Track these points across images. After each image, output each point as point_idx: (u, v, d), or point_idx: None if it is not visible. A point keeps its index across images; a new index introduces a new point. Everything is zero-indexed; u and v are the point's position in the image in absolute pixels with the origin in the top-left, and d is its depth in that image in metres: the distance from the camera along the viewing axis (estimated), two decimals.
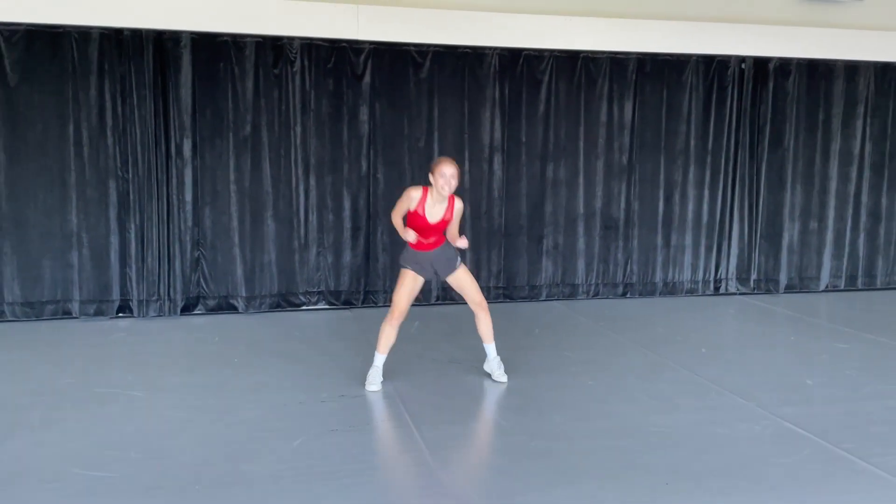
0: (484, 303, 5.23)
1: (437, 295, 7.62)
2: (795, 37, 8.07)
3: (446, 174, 4.80)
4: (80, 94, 6.66)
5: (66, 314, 6.83)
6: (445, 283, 5.34)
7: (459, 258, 5.17)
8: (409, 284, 5.03)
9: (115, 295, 6.92)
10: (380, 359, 5.11)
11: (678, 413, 4.78)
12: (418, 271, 5.05)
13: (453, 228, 5.05)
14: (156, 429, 4.36)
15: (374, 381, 5.06)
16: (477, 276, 7.56)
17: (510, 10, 7.37)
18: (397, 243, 7.41)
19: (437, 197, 4.88)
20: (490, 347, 5.33)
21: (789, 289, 8.55)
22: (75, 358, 5.72)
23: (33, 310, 6.75)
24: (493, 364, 5.33)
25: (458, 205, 4.99)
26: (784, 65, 8.18)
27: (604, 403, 4.93)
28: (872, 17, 8.29)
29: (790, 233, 8.50)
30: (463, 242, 5.01)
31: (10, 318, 6.68)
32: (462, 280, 5.15)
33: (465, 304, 7.47)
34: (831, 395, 5.16)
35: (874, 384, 5.38)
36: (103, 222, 6.83)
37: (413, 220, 4.93)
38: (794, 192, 8.45)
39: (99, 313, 6.87)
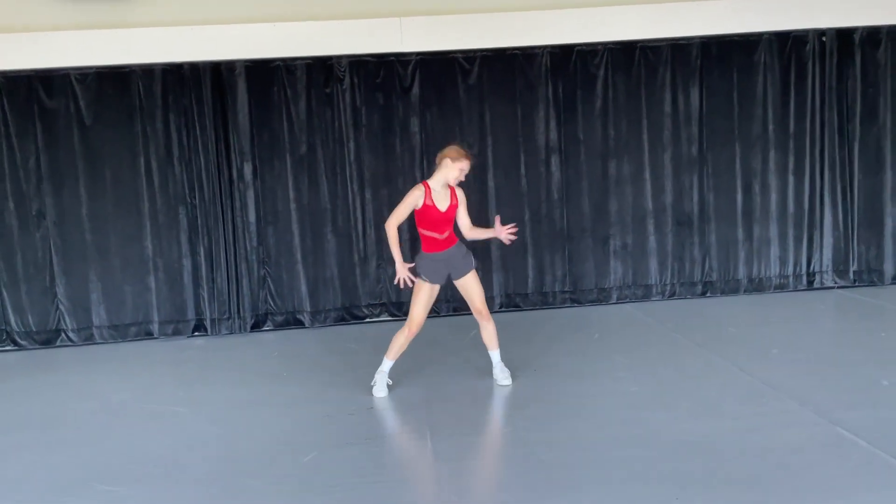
0: (485, 312, 5.14)
1: (501, 302, 7.49)
2: (883, 1, 7.33)
3: (466, 169, 4.94)
4: (148, 129, 7.08)
5: (148, 335, 7.26)
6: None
7: (474, 261, 5.14)
8: (425, 297, 5.02)
9: (191, 315, 7.28)
10: (387, 364, 5.16)
11: (718, 420, 4.42)
12: (433, 280, 5.01)
13: (464, 217, 5.06)
14: (184, 444, 4.53)
15: (381, 388, 5.13)
16: (540, 282, 7.46)
17: (557, 7, 7.16)
18: None
19: (441, 188, 4.98)
20: (494, 353, 5.24)
21: None
22: (141, 376, 6.07)
23: (118, 332, 7.22)
24: (498, 370, 5.24)
25: (459, 190, 5.06)
26: (872, 34, 7.45)
27: (639, 410, 4.65)
28: None
29: (894, 218, 7.70)
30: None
31: (98, 341, 7.18)
32: (470, 285, 5.11)
33: (527, 310, 7.38)
34: None
35: None
36: (175, 246, 7.22)
37: (425, 214, 4.94)
38: (895, 173, 7.65)
39: (177, 333, 7.26)
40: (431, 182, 4.98)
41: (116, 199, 7.13)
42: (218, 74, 7.09)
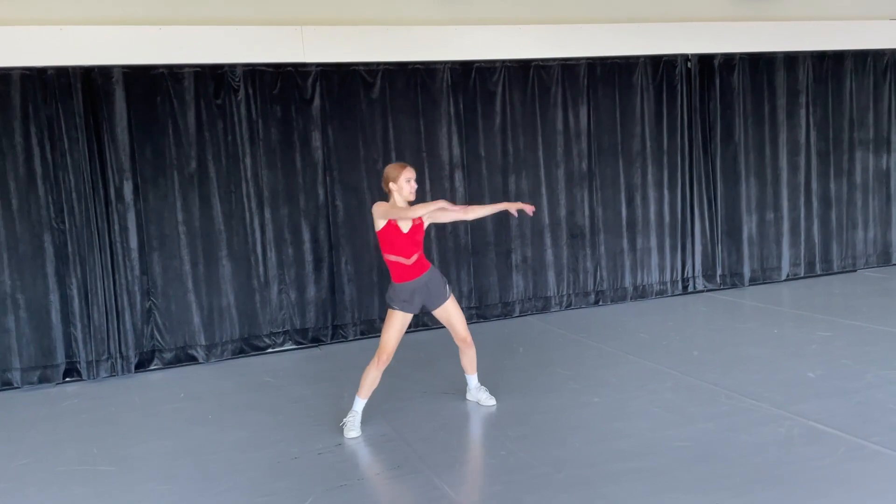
0: (469, 338, 4.96)
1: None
2: (736, 32, 8.12)
3: (412, 179, 4.61)
4: (4, 142, 6.06)
5: (7, 385, 6.17)
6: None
7: (449, 287, 4.87)
8: (397, 325, 4.69)
9: (60, 358, 6.29)
10: (360, 404, 4.74)
11: (695, 423, 4.56)
12: (406, 309, 4.70)
13: (437, 214, 4.68)
14: None
15: (354, 427, 4.69)
16: None
17: (457, 23, 7.14)
18: (362, 273, 7.06)
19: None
20: (472, 378, 5.13)
21: (753, 281, 8.56)
22: (26, 434, 5.11)
23: None
24: (478, 393, 5.14)
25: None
26: (728, 60, 8.21)
27: (615, 421, 4.68)
28: (805, 9, 8.44)
29: (749, 226, 8.52)
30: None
31: None
32: (451, 313, 4.85)
33: (439, 328, 7.21)
34: (838, 387, 5.05)
35: (873, 371, 5.32)
36: (40, 280, 6.21)
37: (389, 235, 4.58)
38: (748, 185, 8.48)
39: (44, 380, 6.24)
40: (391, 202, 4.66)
41: None
42: (90, 81, 6.23)
